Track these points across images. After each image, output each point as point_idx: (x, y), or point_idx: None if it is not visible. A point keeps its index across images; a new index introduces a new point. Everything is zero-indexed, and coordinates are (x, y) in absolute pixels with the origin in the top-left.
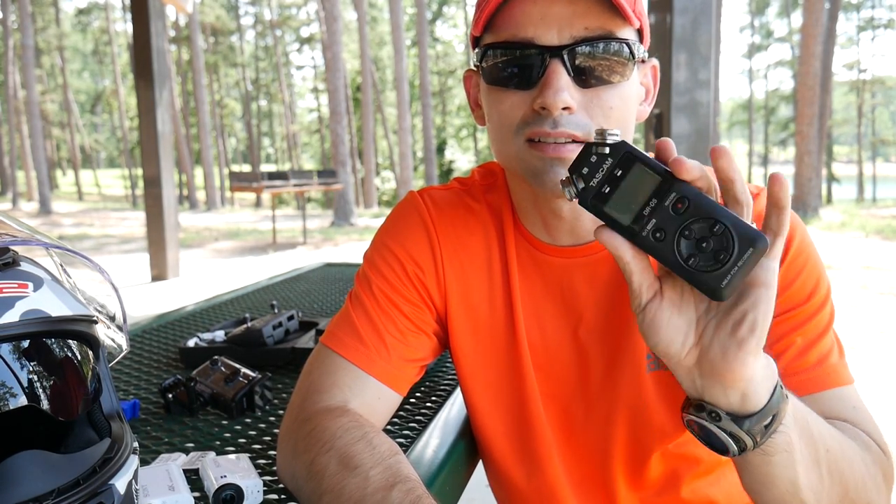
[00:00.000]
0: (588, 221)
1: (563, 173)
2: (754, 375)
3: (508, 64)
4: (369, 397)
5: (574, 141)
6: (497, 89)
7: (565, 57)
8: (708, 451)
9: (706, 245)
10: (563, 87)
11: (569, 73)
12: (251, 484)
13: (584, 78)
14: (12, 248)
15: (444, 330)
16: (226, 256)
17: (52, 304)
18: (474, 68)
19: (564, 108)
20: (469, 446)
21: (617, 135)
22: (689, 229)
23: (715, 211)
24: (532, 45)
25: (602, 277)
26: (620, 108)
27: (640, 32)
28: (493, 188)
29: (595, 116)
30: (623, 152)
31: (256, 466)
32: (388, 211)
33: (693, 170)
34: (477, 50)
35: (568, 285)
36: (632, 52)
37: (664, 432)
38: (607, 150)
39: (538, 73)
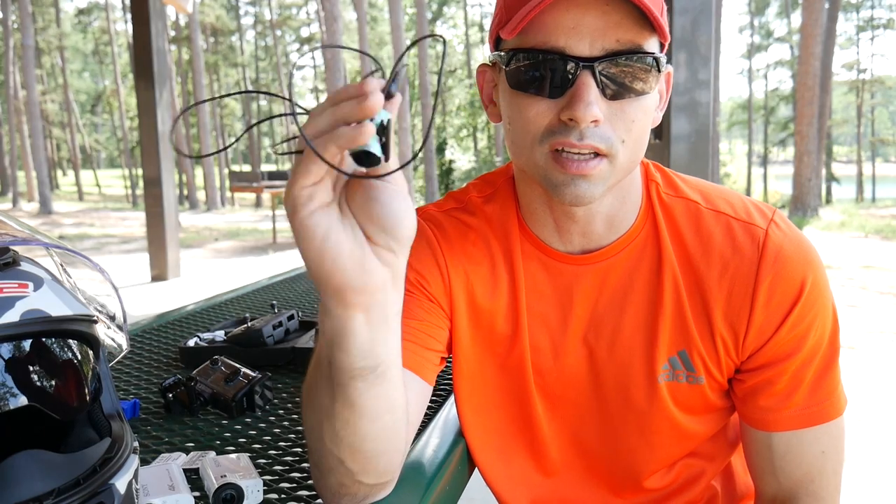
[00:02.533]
0: (600, 225)
1: (584, 188)
2: None
3: (536, 71)
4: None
5: (597, 154)
6: (522, 94)
7: (596, 69)
8: (721, 458)
9: None
10: (593, 101)
11: (598, 86)
12: (251, 483)
13: (612, 91)
14: (12, 247)
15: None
16: (226, 256)
17: (53, 304)
18: (490, 64)
19: (592, 121)
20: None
21: None
22: None
23: None
24: (563, 55)
25: (613, 283)
26: (642, 121)
27: (661, 43)
28: (492, 198)
29: (618, 129)
30: None
31: (256, 466)
32: None
33: None
34: (500, 52)
35: (578, 291)
36: (658, 66)
37: (674, 443)
38: None
39: (568, 83)
